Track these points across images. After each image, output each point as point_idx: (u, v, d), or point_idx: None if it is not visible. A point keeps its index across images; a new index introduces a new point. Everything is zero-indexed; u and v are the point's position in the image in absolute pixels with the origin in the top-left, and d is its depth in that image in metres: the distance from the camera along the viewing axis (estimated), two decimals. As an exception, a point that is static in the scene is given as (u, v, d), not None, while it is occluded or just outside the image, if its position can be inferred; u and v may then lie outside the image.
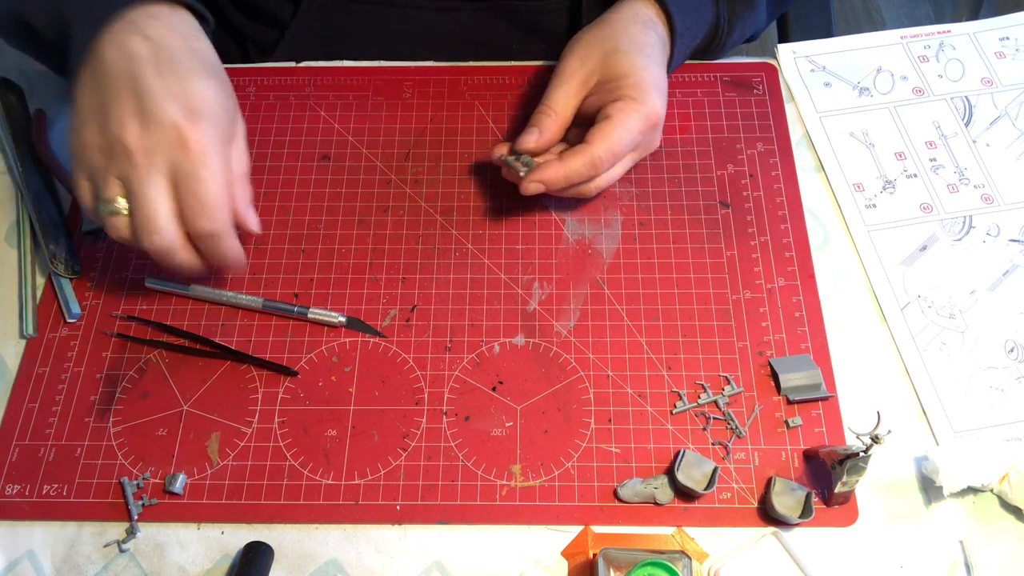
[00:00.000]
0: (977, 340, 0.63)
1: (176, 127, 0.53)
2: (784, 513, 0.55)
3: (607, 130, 0.61)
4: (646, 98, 0.62)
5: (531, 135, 0.64)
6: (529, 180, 0.62)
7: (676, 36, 0.67)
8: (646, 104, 0.62)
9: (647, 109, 0.62)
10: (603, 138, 0.61)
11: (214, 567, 0.56)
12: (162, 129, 0.53)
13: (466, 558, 0.56)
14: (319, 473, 0.59)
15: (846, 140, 0.72)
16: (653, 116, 0.62)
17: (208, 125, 0.54)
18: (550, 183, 0.62)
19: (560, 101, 0.64)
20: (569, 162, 0.61)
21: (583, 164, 0.61)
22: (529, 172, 0.62)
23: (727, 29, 0.73)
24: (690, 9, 0.69)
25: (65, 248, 0.66)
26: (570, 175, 0.62)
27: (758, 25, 0.77)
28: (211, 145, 0.54)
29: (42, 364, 0.63)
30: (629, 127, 0.61)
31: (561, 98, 0.64)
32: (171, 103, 0.53)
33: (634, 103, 0.62)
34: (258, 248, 0.68)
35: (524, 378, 0.62)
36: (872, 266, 0.66)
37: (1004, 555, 0.55)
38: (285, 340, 0.64)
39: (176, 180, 0.54)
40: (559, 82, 0.65)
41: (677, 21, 0.67)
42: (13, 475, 0.59)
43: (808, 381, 0.60)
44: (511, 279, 0.66)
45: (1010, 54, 0.76)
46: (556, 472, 0.58)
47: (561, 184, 0.62)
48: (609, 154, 0.61)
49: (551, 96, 0.64)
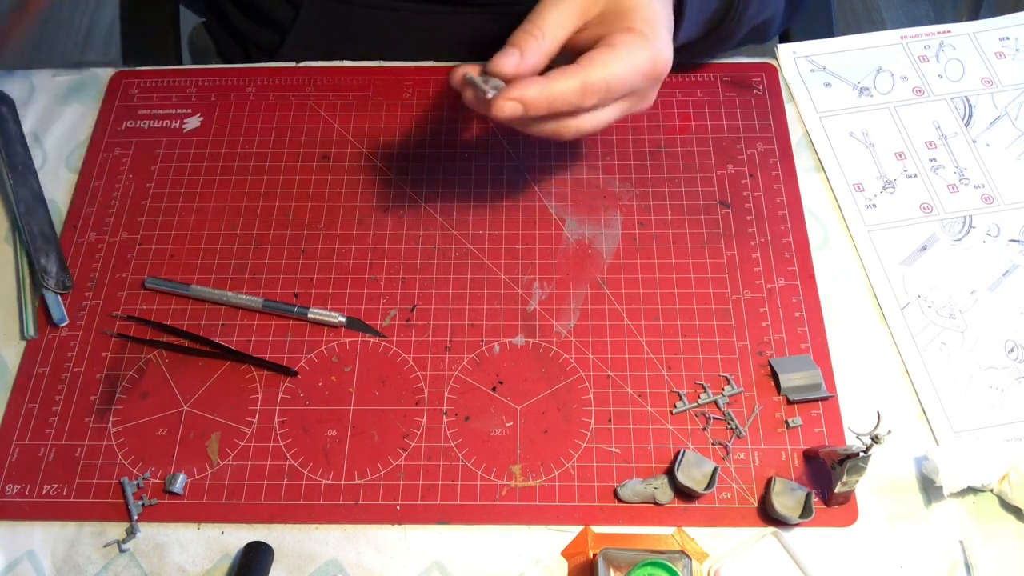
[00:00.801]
0: (977, 340, 0.63)
1: None
2: (784, 513, 0.55)
3: (607, 57, 0.52)
4: (658, 37, 0.53)
5: (510, 56, 0.53)
6: (504, 97, 0.51)
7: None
8: (657, 43, 0.53)
9: (657, 50, 0.53)
10: (601, 64, 0.52)
11: (214, 567, 0.56)
12: None
13: (466, 558, 0.56)
14: (319, 473, 0.59)
15: (846, 140, 0.72)
16: (661, 60, 0.54)
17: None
18: (530, 104, 0.51)
19: (551, 22, 0.54)
20: (555, 81, 0.51)
21: (572, 88, 0.52)
22: (502, 91, 0.52)
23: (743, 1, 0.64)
24: None
25: (56, 263, 0.66)
26: (554, 98, 0.52)
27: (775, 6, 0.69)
28: None
29: (42, 364, 0.63)
30: (634, 63, 0.53)
31: (552, 19, 0.54)
32: None
33: (644, 39, 0.53)
34: (258, 248, 0.68)
35: (524, 378, 0.62)
36: (872, 266, 0.66)
37: (1004, 555, 0.55)
38: (285, 340, 0.64)
39: None
40: (552, 1, 0.54)
41: None
42: (13, 475, 0.59)
43: (808, 381, 0.60)
44: (511, 279, 0.66)
45: (1010, 54, 0.76)
46: (556, 472, 0.58)
47: (542, 108, 0.52)
48: (604, 85, 0.52)
49: (541, 15, 0.54)
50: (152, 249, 0.68)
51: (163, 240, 0.68)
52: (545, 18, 0.54)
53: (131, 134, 0.74)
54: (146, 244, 0.68)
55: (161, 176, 0.72)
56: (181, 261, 0.67)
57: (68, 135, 0.74)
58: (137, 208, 0.70)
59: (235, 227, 0.69)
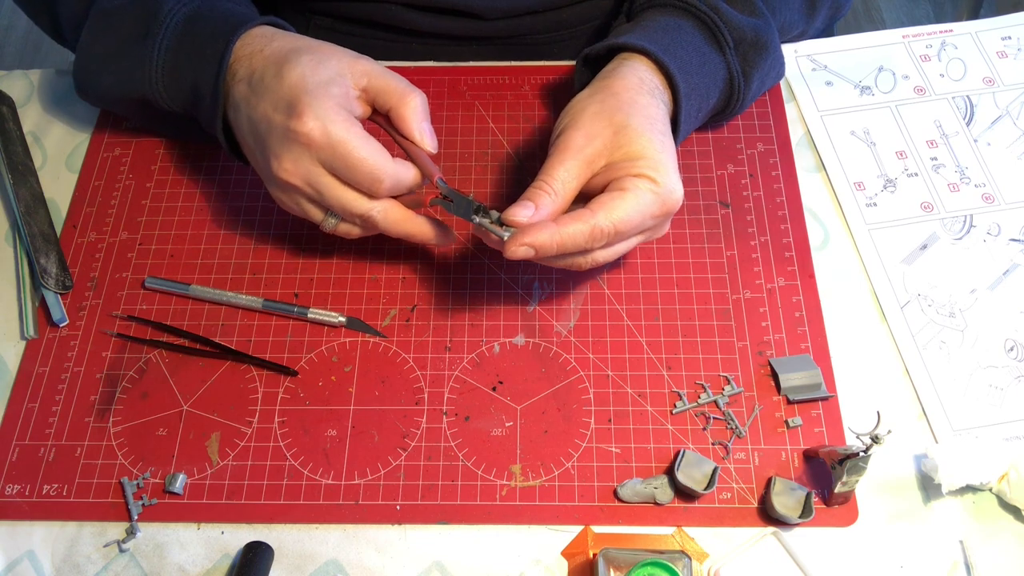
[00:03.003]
0: (977, 339, 0.62)
1: (289, 131, 0.55)
2: (784, 513, 0.55)
3: (617, 202, 0.54)
4: (667, 180, 0.55)
5: (525, 208, 0.54)
6: (517, 243, 0.53)
7: (681, 98, 0.61)
8: (666, 186, 0.55)
9: (666, 192, 0.55)
10: (610, 210, 0.53)
11: (214, 567, 0.56)
12: (286, 142, 0.56)
13: (466, 558, 0.56)
14: (319, 473, 0.59)
15: (847, 139, 0.72)
16: (671, 202, 0.55)
17: (309, 108, 0.55)
18: (541, 248, 0.53)
19: (560, 180, 0.55)
20: (566, 227, 0.53)
21: (581, 233, 0.53)
22: (515, 235, 0.53)
23: (743, 83, 0.66)
24: (693, 68, 0.63)
25: (56, 263, 0.66)
26: (564, 242, 0.53)
27: (777, 68, 0.70)
28: (322, 123, 0.55)
29: (42, 364, 0.63)
30: (643, 207, 0.54)
31: (562, 176, 0.55)
32: (275, 114, 0.56)
33: (654, 184, 0.54)
34: (258, 248, 0.68)
35: (524, 378, 0.62)
36: (872, 265, 0.66)
37: (1004, 555, 0.55)
38: (285, 340, 0.64)
39: (332, 171, 0.56)
40: (561, 158, 0.55)
41: (680, 81, 0.61)
42: (13, 475, 0.59)
43: (808, 381, 0.60)
44: (511, 279, 0.66)
45: (1012, 53, 0.76)
46: (556, 472, 0.58)
47: (553, 251, 0.53)
48: (612, 229, 0.53)
49: (551, 173, 0.55)
50: (152, 249, 0.68)
51: (163, 240, 0.68)
52: (555, 175, 0.55)
53: (131, 134, 0.74)
54: (146, 244, 0.68)
55: (161, 176, 0.72)
56: (181, 261, 0.67)
57: (68, 135, 0.74)
58: (137, 208, 0.70)
59: (235, 227, 0.69)
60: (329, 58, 0.58)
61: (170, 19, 0.63)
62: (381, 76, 0.58)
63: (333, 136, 0.55)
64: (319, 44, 0.59)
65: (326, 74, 0.57)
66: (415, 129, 0.57)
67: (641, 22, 0.65)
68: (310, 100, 0.55)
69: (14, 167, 0.70)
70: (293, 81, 0.56)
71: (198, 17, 0.63)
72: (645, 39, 0.62)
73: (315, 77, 0.56)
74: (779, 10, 0.69)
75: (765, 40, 0.65)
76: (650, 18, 0.65)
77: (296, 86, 0.56)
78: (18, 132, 0.73)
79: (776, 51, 0.68)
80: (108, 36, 0.65)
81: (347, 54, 0.59)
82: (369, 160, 0.55)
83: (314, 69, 0.56)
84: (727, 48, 0.64)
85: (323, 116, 0.55)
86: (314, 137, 0.55)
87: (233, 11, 0.65)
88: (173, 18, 0.63)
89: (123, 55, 0.64)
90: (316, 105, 0.55)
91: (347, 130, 0.55)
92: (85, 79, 0.66)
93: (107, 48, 0.65)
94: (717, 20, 0.64)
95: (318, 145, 0.55)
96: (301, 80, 0.56)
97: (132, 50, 0.64)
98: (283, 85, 0.56)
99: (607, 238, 0.54)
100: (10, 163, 0.70)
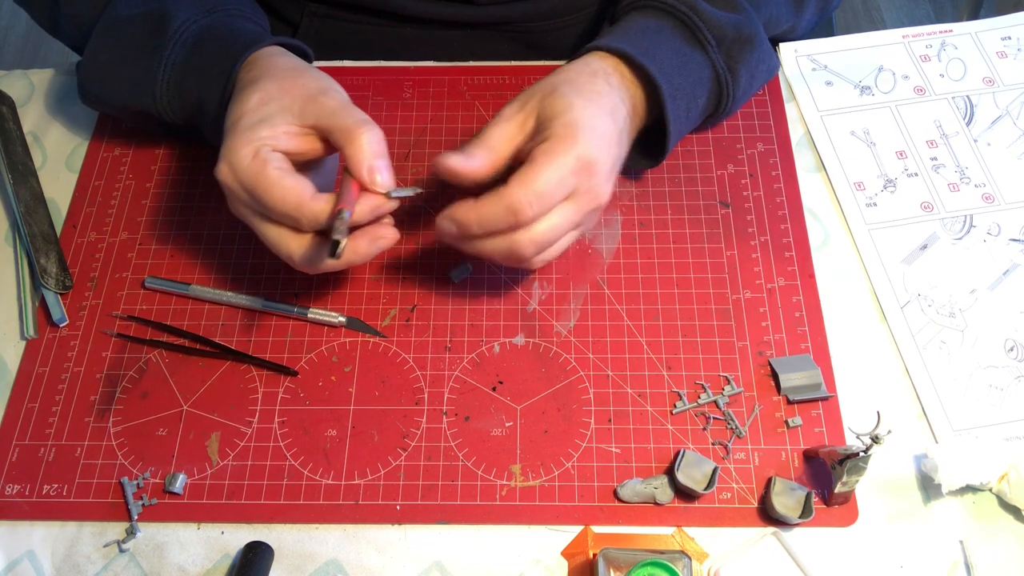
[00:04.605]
0: (977, 339, 0.62)
1: (222, 182, 0.56)
2: (784, 513, 0.55)
3: (528, 173, 0.54)
4: (577, 137, 0.54)
5: (454, 155, 0.56)
6: (440, 216, 0.56)
7: (665, 99, 0.61)
8: (576, 144, 0.54)
9: (577, 150, 0.54)
10: (522, 182, 0.54)
11: (214, 567, 0.56)
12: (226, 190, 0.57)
13: (466, 558, 0.56)
14: (319, 473, 0.59)
15: (847, 139, 0.72)
16: (584, 157, 0.54)
17: (226, 152, 0.55)
18: (461, 223, 0.55)
19: (495, 137, 0.57)
20: (483, 204, 0.54)
21: (498, 208, 0.54)
22: (441, 213, 0.56)
23: (731, 79, 0.65)
24: (674, 69, 0.62)
25: (56, 263, 0.66)
26: (483, 218, 0.54)
27: (767, 63, 0.69)
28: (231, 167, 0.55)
29: (42, 364, 0.63)
30: (553, 170, 0.54)
31: (496, 134, 0.57)
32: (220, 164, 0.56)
33: (561, 143, 0.54)
34: (258, 248, 0.68)
35: (524, 378, 0.62)
36: (872, 265, 0.66)
37: (1004, 555, 0.55)
38: (285, 340, 0.64)
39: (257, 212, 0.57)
40: (494, 122, 0.58)
41: (662, 82, 0.61)
42: (13, 475, 0.59)
43: (808, 381, 0.60)
44: (511, 279, 0.66)
45: (1012, 54, 0.76)
46: (556, 472, 0.58)
47: (473, 227, 0.55)
48: (534, 198, 0.53)
49: (485, 132, 0.58)
50: (152, 249, 0.68)
51: (163, 240, 0.68)
52: (488, 133, 0.58)
53: (131, 134, 0.74)
54: (146, 244, 0.68)
55: (161, 176, 0.72)
56: (181, 261, 0.67)
57: (68, 135, 0.75)
58: (137, 208, 0.70)
59: (235, 227, 0.69)
60: (283, 95, 0.57)
61: (179, 35, 0.63)
62: (331, 116, 0.56)
63: (244, 181, 0.55)
64: (287, 76, 0.58)
65: (265, 112, 0.56)
66: (363, 169, 0.55)
67: (621, 25, 0.65)
68: (229, 142, 0.56)
69: (14, 167, 0.70)
70: (233, 118, 0.57)
71: (208, 35, 0.63)
72: (624, 42, 0.62)
73: (251, 117, 0.56)
74: (764, 4, 0.69)
75: (748, 35, 0.65)
76: (631, 21, 0.65)
77: (232, 125, 0.56)
78: (18, 132, 0.73)
79: (762, 45, 0.67)
80: (116, 47, 0.65)
81: (305, 91, 0.57)
82: (280, 202, 0.54)
83: (256, 108, 0.56)
84: (709, 46, 0.64)
85: (234, 162, 0.55)
86: (227, 183, 0.56)
87: (243, 29, 0.65)
88: (183, 35, 0.63)
89: (129, 67, 0.64)
90: (232, 148, 0.55)
91: (257, 173, 0.54)
92: (90, 87, 0.67)
93: (113, 58, 0.65)
94: (696, 19, 0.64)
95: (231, 189, 0.56)
96: (238, 118, 0.56)
97: (138, 63, 0.64)
98: (228, 120, 0.57)
99: (531, 211, 0.53)
100: (10, 163, 0.70)
